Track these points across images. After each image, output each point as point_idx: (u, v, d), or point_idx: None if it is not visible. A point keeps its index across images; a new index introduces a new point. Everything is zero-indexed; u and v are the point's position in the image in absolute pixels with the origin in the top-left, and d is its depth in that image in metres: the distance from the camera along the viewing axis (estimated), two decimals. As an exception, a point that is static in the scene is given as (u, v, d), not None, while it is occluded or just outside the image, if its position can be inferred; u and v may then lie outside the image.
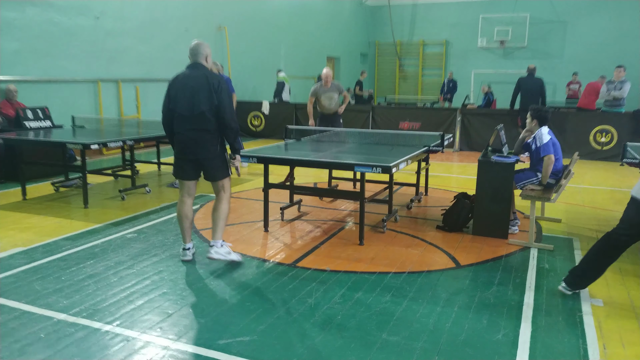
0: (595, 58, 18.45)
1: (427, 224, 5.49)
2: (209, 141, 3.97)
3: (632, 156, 5.18)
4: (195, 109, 3.90)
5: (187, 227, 4.24)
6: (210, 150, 3.99)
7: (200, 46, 4.05)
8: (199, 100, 3.88)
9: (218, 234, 4.14)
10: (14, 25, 8.27)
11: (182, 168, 4.12)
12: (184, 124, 3.96)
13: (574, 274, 3.65)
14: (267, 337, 3.02)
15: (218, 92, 3.90)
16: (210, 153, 4.00)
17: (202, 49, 4.04)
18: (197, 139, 3.95)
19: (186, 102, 3.92)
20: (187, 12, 11.92)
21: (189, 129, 3.95)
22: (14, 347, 2.89)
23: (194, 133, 3.95)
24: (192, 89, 3.91)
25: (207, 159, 4.02)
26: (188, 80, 3.96)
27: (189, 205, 4.24)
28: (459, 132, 11.21)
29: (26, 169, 6.43)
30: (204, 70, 4.00)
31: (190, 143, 3.98)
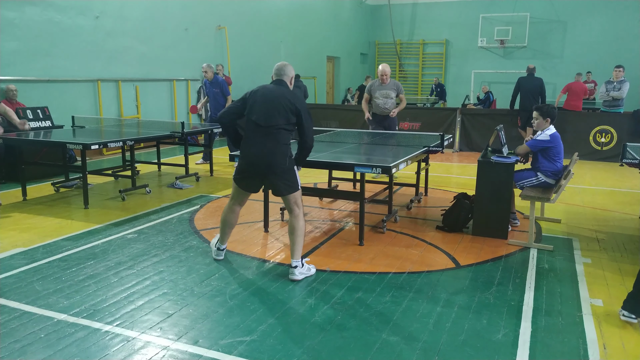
0: (595, 58, 18.46)
1: (427, 224, 5.49)
2: (282, 154, 3.84)
3: (631, 156, 5.19)
4: (271, 121, 3.82)
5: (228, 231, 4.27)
6: (281, 163, 3.84)
7: (287, 67, 4.06)
8: (279, 114, 3.82)
9: (297, 253, 3.93)
10: (14, 25, 8.28)
11: (246, 178, 4.00)
12: (257, 134, 3.86)
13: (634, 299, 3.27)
14: (267, 337, 3.03)
15: (298, 113, 3.86)
16: (281, 166, 3.84)
17: (288, 70, 4.05)
18: (270, 150, 3.82)
19: (265, 113, 3.84)
20: (187, 12, 11.92)
21: (262, 139, 3.84)
22: (14, 347, 2.89)
23: (268, 144, 3.82)
24: (273, 101, 3.85)
25: (277, 173, 3.85)
26: (272, 93, 3.91)
27: (237, 214, 4.22)
28: (458, 133, 11.21)
29: (26, 170, 6.43)
30: (289, 91, 3.97)
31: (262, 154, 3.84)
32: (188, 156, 7.75)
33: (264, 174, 3.89)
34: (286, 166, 3.85)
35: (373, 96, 7.45)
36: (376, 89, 7.43)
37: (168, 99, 11.87)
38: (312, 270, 4.03)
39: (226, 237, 4.30)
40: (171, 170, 8.33)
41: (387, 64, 7.57)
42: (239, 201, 4.18)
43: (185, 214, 5.77)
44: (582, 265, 4.31)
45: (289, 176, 3.90)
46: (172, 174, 7.98)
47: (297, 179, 3.98)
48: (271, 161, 3.81)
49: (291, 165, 3.92)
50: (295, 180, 3.95)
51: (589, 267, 4.28)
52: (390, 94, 7.39)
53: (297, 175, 4.00)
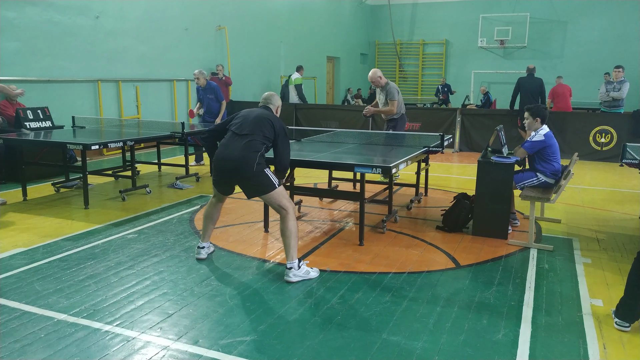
0: (595, 58, 18.47)
1: (427, 224, 5.49)
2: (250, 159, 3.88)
3: (631, 157, 5.19)
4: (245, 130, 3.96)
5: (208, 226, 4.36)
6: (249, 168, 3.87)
7: (274, 97, 4.30)
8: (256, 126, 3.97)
9: (290, 254, 3.90)
10: (14, 25, 8.28)
11: (218, 178, 4.11)
12: (230, 139, 3.99)
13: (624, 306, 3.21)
14: (267, 337, 3.03)
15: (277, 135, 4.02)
16: (249, 171, 3.87)
17: (274, 99, 4.28)
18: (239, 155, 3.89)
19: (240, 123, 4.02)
20: (187, 12, 11.92)
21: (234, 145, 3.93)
22: (14, 347, 2.89)
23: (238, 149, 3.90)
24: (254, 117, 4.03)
25: (245, 177, 3.91)
26: (254, 111, 4.11)
27: (219, 209, 4.34)
28: (458, 133, 11.21)
29: (27, 170, 6.43)
30: (272, 114, 4.16)
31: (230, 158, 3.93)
32: (188, 156, 7.75)
33: (233, 177, 3.98)
34: (253, 171, 3.85)
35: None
36: (377, 93, 7.61)
37: (168, 99, 11.88)
38: (312, 274, 3.95)
39: (207, 233, 4.36)
40: (171, 171, 8.33)
41: (376, 69, 7.65)
42: (218, 198, 4.29)
43: (185, 214, 5.77)
44: (582, 265, 4.31)
45: (259, 180, 3.90)
46: (172, 174, 7.98)
47: (269, 181, 3.92)
48: (239, 165, 3.87)
49: (259, 171, 3.89)
50: (266, 183, 3.91)
51: (589, 267, 4.28)
52: (381, 97, 7.47)
53: (271, 177, 3.95)
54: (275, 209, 3.99)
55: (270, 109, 4.21)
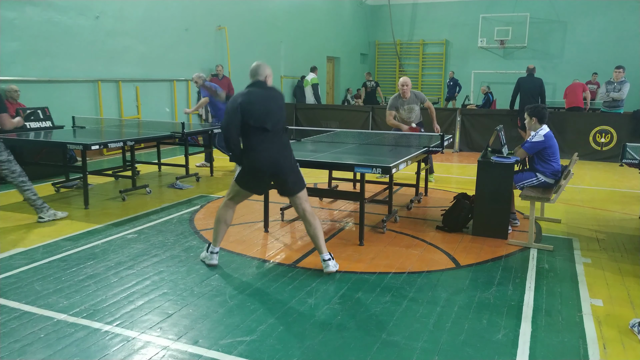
0: (595, 58, 18.47)
1: (427, 224, 5.49)
2: (290, 153, 4.03)
3: (631, 157, 5.19)
4: (277, 125, 3.93)
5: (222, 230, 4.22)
6: (292, 163, 4.00)
7: (260, 67, 4.04)
8: (281, 116, 3.97)
9: (324, 246, 4.12)
10: (14, 25, 8.28)
11: (256, 182, 4.04)
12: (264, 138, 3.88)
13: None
14: (267, 337, 3.03)
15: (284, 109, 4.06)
16: (292, 166, 3.99)
17: (261, 69, 4.03)
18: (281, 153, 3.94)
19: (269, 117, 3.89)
20: (187, 12, 11.93)
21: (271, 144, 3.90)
22: (14, 347, 2.89)
23: (278, 147, 3.92)
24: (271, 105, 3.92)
25: (287, 174, 3.96)
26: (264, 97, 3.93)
27: (233, 212, 4.23)
28: (458, 133, 11.22)
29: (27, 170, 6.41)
30: (269, 88, 4.02)
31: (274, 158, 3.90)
32: (188, 156, 7.75)
33: (275, 176, 3.97)
34: (294, 164, 4.01)
35: (397, 112, 7.31)
36: (399, 105, 7.26)
37: (168, 100, 11.88)
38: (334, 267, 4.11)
39: (220, 237, 4.22)
40: (171, 171, 8.33)
41: (407, 77, 7.42)
42: (237, 200, 4.18)
43: (185, 214, 5.77)
44: (582, 265, 4.31)
45: (298, 174, 4.04)
46: (172, 174, 7.98)
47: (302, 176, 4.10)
48: (283, 163, 3.92)
49: (296, 163, 4.07)
50: (302, 177, 4.08)
51: (589, 267, 4.28)
52: (413, 107, 7.26)
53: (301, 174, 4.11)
54: (303, 206, 4.06)
55: (265, 83, 4.01)
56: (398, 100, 7.26)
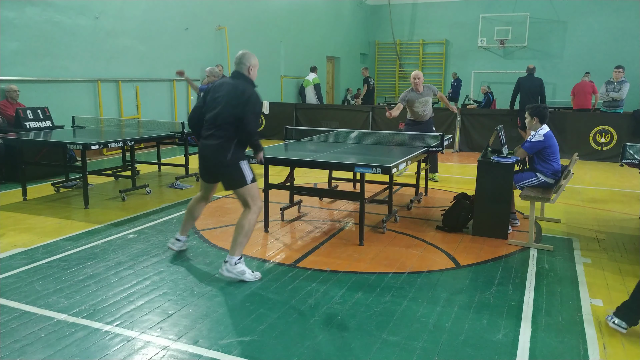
0: (595, 58, 18.46)
1: (427, 224, 5.49)
2: (222, 149, 3.80)
3: (631, 157, 5.19)
4: (217, 119, 3.80)
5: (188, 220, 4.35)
6: (222, 158, 3.81)
7: (244, 56, 3.92)
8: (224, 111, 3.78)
9: (234, 249, 3.83)
10: (14, 25, 8.28)
11: (201, 170, 4.10)
12: (207, 129, 3.87)
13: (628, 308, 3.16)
14: (267, 337, 3.03)
15: (243, 106, 3.74)
16: (222, 162, 3.81)
17: (245, 58, 3.91)
18: (214, 146, 3.81)
19: (213, 109, 3.84)
20: (187, 12, 11.92)
21: (208, 134, 3.85)
22: (14, 347, 2.89)
23: (211, 139, 3.82)
24: (223, 99, 3.82)
25: (220, 168, 3.86)
26: (225, 89, 3.86)
27: (201, 207, 4.31)
28: (458, 133, 11.22)
29: (27, 170, 6.43)
30: (240, 81, 3.87)
31: (205, 152, 3.88)
32: (188, 156, 7.75)
33: (211, 169, 3.95)
34: (226, 161, 3.78)
35: (411, 106, 7.33)
36: (414, 98, 7.27)
37: (168, 99, 11.88)
38: (247, 276, 3.83)
39: (186, 228, 4.38)
40: (171, 171, 8.33)
41: (419, 71, 7.51)
42: (203, 192, 4.23)
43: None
44: (582, 265, 4.31)
45: (233, 171, 3.83)
46: (172, 174, 7.98)
47: (244, 173, 3.85)
48: (213, 156, 3.83)
49: (234, 161, 3.81)
50: (241, 175, 3.84)
51: (589, 267, 4.28)
52: (428, 100, 7.34)
53: (246, 170, 3.88)
54: (242, 202, 3.93)
55: (242, 75, 3.89)
56: (410, 93, 7.29)
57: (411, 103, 7.31)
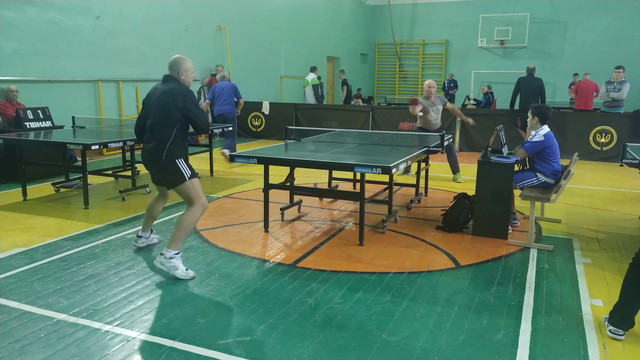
0: (595, 58, 18.47)
1: (427, 224, 5.49)
2: (158, 149, 3.90)
3: (631, 157, 5.19)
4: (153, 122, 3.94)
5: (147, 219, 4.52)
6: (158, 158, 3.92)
7: (177, 60, 4.05)
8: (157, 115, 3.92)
9: (172, 243, 3.90)
10: (14, 25, 8.28)
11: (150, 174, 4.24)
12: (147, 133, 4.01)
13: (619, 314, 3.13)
14: (267, 337, 3.03)
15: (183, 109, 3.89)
16: (158, 161, 3.92)
17: (178, 63, 4.04)
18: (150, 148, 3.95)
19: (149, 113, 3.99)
20: (187, 12, 11.93)
21: (147, 137, 4.01)
22: (14, 347, 2.89)
23: (148, 141, 3.98)
24: (154, 103, 3.95)
25: (157, 168, 3.99)
26: (157, 93, 3.99)
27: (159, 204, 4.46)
28: (458, 133, 11.21)
29: (27, 170, 6.43)
30: (170, 84, 3.97)
31: (145, 154, 4.03)
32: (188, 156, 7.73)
33: (152, 170, 4.08)
34: (163, 160, 3.88)
35: (425, 115, 7.40)
36: (429, 106, 7.36)
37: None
38: (181, 272, 3.88)
39: (146, 225, 4.53)
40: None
41: (432, 80, 7.65)
42: (159, 193, 4.41)
43: (185, 214, 5.76)
44: (582, 265, 4.31)
45: (170, 170, 3.91)
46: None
47: (181, 170, 3.92)
48: (149, 157, 3.96)
49: (170, 160, 3.89)
50: (178, 172, 3.91)
51: (589, 267, 4.28)
52: (439, 108, 7.50)
53: (183, 166, 3.94)
54: (185, 199, 4.02)
55: (174, 79, 4.01)
56: (425, 101, 7.41)
57: (426, 111, 7.40)
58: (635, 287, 3.05)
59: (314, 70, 14.21)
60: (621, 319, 3.09)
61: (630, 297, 3.08)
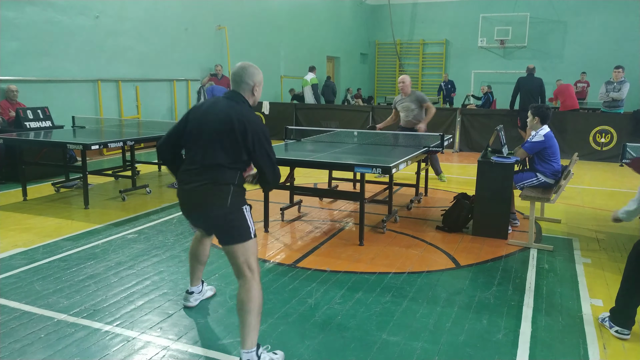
0: (595, 58, 18.46)
1: (426, 224, 5.49)
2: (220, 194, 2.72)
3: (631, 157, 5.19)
4: (207, 158, 2.73)
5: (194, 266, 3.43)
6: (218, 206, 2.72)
7: (247, 70, 2.83)
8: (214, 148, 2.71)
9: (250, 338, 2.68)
10: (14, 25, 8.28)
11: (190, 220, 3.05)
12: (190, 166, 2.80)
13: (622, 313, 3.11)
14: (267, 337, 3.03)
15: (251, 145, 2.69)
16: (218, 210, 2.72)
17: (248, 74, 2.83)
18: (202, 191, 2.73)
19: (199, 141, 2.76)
20: (187, 12, 11.92)
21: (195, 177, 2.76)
22: (14, 347, 2.89)
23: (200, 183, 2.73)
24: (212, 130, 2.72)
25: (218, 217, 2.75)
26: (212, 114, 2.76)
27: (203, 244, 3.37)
28: (458, 133, 11.22)
29: (26, 170, 6.43)
30: (238, 109, 2.74)
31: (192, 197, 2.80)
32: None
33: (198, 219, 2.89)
34: (227, 208, 2.71)
35: (397, 109, 7.39)
36: (398, 102, 7.37)
37: (168, 99, 11.88)
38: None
39: (195, 276, 3.44)
40: (171, 170, 8.31)
41: (406, 75, 7.50)
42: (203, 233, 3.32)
43: (185, 214, 5.76)
44: (582, 265, 4.32)
45: (235, 222, 2.75)
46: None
47: (248, 224, 2.78)
48: (203, 203, 2.74)
49: (237, 207, 2.74)
50: (243, 227, 2.76)
51: (589, 267, 4.28)
52: (410, 105, 7.22)
53: (250, 219, 2.80)
54: (238, 268, 2.81)
55: (242, 98, 2.82)
56: (397, 98, 7.39)
57: (396, 106, 7.40)
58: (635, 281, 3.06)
59: (312, 70, 14.21)
60: (625, 318, 3.09)
61: (631, 295, 3.08)
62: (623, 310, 3.10)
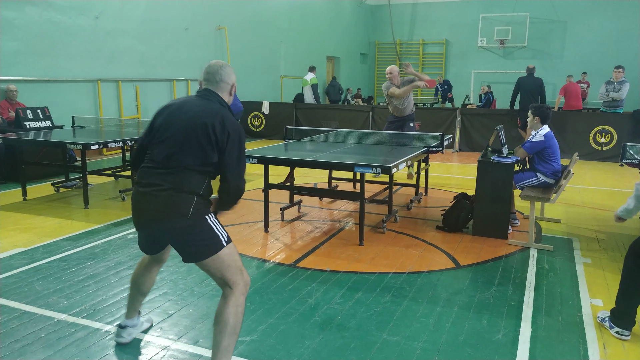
0: (595, 58, 18.47)
1: (426, 224, 5.49)
2: (183, 204, 2.41)
3: (631, 156, 5.19)
4: (172, 160, 2.45)
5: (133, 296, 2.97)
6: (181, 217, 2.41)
7: (222, 69, 2.62)
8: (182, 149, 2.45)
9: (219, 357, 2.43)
10: (14, 25, 8.28)
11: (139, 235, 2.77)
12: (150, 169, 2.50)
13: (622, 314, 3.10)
14: (267, 337, 3.03)
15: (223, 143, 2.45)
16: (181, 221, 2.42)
17: (223, 73, 2.62)
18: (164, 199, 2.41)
19: (165, 141, 2.49)
20: (187, 12, 11.92)
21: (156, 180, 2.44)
22: (14, 347, 2.89)
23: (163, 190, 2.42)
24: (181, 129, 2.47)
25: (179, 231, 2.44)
26: (183, 113, 2.52)
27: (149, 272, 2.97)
28: (458, 133, 11.22)
29: (26, 170, 6.43)
30: (215, 107, 2.52)
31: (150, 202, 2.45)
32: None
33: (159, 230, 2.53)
34: (188, 220, 2.41)
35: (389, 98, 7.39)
36: (387, 87, 7.40)
37: (168, 99, 11.84)
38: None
39: (132, 307, 2.96)
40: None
41: (392, 65, 7.55)
42: (150, 258, 2.96)
43: (185, 214, 5.76)
44: (582, 265, 4.31)
45: (200, 234, 2.45)
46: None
47: (216, 232, 2.50)
48: (162, 211, 2.42)
49: (199, 217, 2.44)
50: (212, 238, 2.47)
51: (589, 267, 4.28)
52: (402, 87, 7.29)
53: (216, 225, 2.51)
54: (217, 280, 2.53)
55: (216, 97, 2.58)
56: (386, 85, 7.39)
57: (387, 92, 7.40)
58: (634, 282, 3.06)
59: (312, 70, 14.21)
60: (625, 319, 3.09)
61: (630, 295, 3.08)
62: (623, 311, 3.10)
